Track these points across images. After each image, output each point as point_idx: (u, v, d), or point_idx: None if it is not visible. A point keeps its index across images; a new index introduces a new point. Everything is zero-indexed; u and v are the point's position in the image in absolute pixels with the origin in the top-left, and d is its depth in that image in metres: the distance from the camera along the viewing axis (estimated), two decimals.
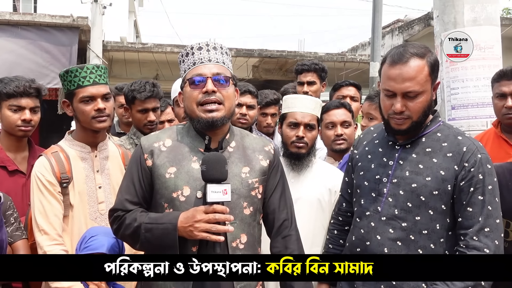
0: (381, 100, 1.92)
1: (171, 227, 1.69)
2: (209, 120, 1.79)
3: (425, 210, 1.81)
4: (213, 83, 1.80)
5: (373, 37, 7.87)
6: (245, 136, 1.98)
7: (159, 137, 1.89)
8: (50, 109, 9.40)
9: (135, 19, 20.75)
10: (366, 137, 2.12)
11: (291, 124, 2.53)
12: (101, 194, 2.25)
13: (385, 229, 1.86)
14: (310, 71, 3.64)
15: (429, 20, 13.45)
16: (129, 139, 3.10)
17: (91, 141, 2.30)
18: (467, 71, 3.12)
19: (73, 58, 8.57)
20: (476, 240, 1.73)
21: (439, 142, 1.86)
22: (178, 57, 1.95)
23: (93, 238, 2.01)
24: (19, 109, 2.51)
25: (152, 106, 3.03)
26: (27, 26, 8.64)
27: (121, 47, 9.96)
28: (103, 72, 2.28)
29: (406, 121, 1.83)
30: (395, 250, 1.83)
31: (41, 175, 2.14)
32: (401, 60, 1.80)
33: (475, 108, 3.11)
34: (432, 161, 1.83)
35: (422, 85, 1.79)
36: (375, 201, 1.92)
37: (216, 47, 1.88)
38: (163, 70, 10.35)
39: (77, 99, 2.23)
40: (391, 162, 1.91)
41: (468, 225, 1.75)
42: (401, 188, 1.85)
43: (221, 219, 1.67)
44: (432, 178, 1.81)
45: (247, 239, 1.82)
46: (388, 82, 1.82)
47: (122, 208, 1.81)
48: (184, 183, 1.78)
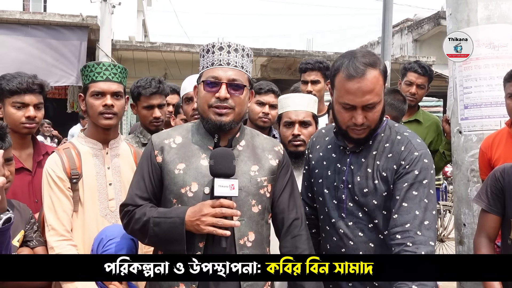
0: (337, 112, 1.91)
1: (179, 221, 1.71)
2: (217, 123, 1.81)
3: (379, 212, 1.86)
4: (227, 89, 1.80)
5: (383, 36, 7.80)
6: (255, 136, 1.99)
7: (170, 134, 1.92)
8: (59, 108, 9.45)
9: (143, 18, 20.81)
10: (319, 141, 2.14)
11: (286, 124, 2.56)
12: (111, 191, 2.25)
13: (355, 233, 1.90)
14: (314, 70, 3.57)
15: (439, 19, 13.35)
16: (135, 138, 3.09)
17: (103, 138, 2.31)
18: (480, 70, 3.06)
19: (82, 57, 8.62)
20: (420, 235, 1.72)
21: (382, 144, 1.90)
22: (199, 51, 1.94)
23: (111, 241, 2.00)
24: (22, 106, 2.49)
25: (157, 103, 3.02)
26: (37, 25, 8.69)
27: (130, 46, 9.99)
28: (119, 72, 2.29)
29: (365, 130, 1.86)
30: (370, 252, 1.86)
31: (52, 171, 2.16)
32: (358, 73, 1.78)
33: (489, 107, 3.04)
34: (377, 163, 1.87)
35: (379, 95, 1.82)
36: (338, 208, 1.95)
37: (237, 49, 1.87)
38: (171, 69, 10.36)
39: (89, 93, 2.26)
40: (344, 168, 1.95)
41: (405, 221, 1.74)
42: (356, 194, 1.89)
43: (227, 214, 1.68)
44: (379, 180, 1.85)
45: (255, 237, 1.82)
46: (347, 96, 1.81)
47: (132, 203, 1.84)
48: (193, 179, 1.80)
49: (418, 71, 3.68)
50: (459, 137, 3.16)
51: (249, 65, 1.91)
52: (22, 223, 2.08)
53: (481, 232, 2.26)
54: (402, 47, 15.21)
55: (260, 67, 11.33)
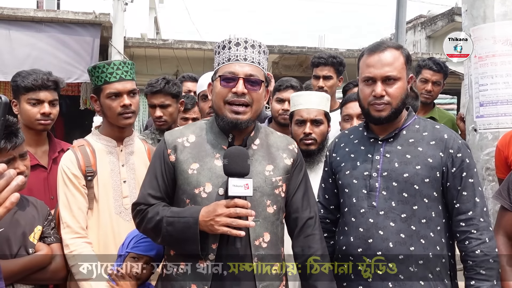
0: (360, 91, 1.98)
1: (192, 221, 1.69)
2: (234, 121, 1.78)
3: (420, 198, 1.85)
4: (245, 84, 1.78)
5: (397, 32, 7.72)
6: (269, 134, 1.96)
7: (183, 133, 1.89)
8: (72, 105, 9.50)
9: (155, 15, 20.86)
10: (343, 140, 2.14)
11: (298, 122, 2.53)
12: (125, 188, 2.25)
13: (386, 223, 1.87)
14: (327, 65, 3.44)
15: (453, 16, 13.18)
16: (151, 134, 3.11)
17: (117, 136, 2.31)
18: (497, 67, 3.02)
19: (95, 54, 8.65)
20: (483, 221, 1.84)
21: (420, 133, 1.94)
22: (214, 48, 1.92)
23: (145, 240, 2.00)
24: (38, 103, 2.51)
25: (158, 102, 3.00)
26: (51, 22, 8.73)
27: (142, 44, 10.00)
28: (130, 68, 2.27)
29: (386, 107, 1.90)
30: (400, 243, 1.84)
31: (67, 168, 2.16)
32: (379, 49, 1.93)
33: (505, 105, 3.00)
34: (418, 150, 1.90)
35: (399, 71, 1.90)
36: (368, 197, 1.92)
37: (254, 45, 1.84)
38: (183, 66, 10.35)
39: (104, 95, 2.24)
40: (378, 157, 1.94)
41: (467, 209, 1.84)
42: (393, 180, 1.88)
43: (242, 214, 1.66)
44: (422, 166, 1.86)
45: (270, 238, 1.80)
46: (368, 69, 1.92)
47: (145, 202, 1.83)
48: (207, 180, 1.77)
49: (433, 68, 3.64)
50: (474, 135, 3.12)
51: (265, 62, 1.89)
52: (40, 219, 2.09)
53: (499, 230, 2.22)
54: (415, 43, 15.04)
55: (271, 64, 11.29)
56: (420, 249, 1.84)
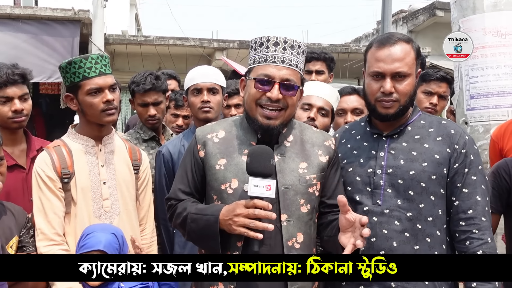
0: (367, 85, 1.89)
1: (213, 219, 1.67)
2: (265, 127, 1.74)
3: (427, 196, 1.79)
4: (280, 89, 1.71)
5: (383, 26, 7.72)
6: (304, 130, 1.89)
7: (214, 129, 1.87)
8: (53, 104, 9.30)
9: (136, 12, 20.59)
10: (344, 135, 2.07)
11: (305, 105, 2.44)
12: (105, 190, 2.13)
13: (390, 222, 1.81)
14: (319, 60, 3.53)
15: (434, 10, 13.28)
16: (135, 134, 2.99)
17: (96, 135, 2.18)
18: (487, 59, 3.00)
19: (75, 52, 8.47)
20: (484, 221, 1.76)
21: (425, 129, 1.87)
22: (250, 42, 1.84)
23: (89, 236, 1.93)
24: (7, 100, 2.35)
25: (152, 100, 2.90)
26: (28, 19, 8.53)
27: (123, 40, 9.84)
28: (108, 62, 2.15)
29: (394, 104, 1.82)
30: (404, 242, 1.78)
31: (41, 170, 2.04)
32: (389, 42, 1.81)
33: (495, 97, 2.98)
34: (424, 146, 1.83)
35: (410, 67, 1.81)
36: (372, 195, 1.85)
37: (293, 46, 1.77)
38: (165, 63, 10.22)
39: (83, 91, 2.09)
40: (382, 153, 1.87)
41: (467, 207, 1.77)
42: (399, 178, 1.81)
43: (261, 215, 1.60)
44: (428, 163, 1.80)
45: (304, 239, 1.74)
46: (377, 64, 1.82)
47: (175, 198, 1.85)
48: (233, 176, 1.74)
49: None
50: (465, 128, 3.09)
51: (303, 63, 1.82)
52: (17, 228, 1.97)
53: None
54: None
55: None
56: (425, 248, 1.78)
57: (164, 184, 2.55)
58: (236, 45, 9.86)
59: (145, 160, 2.35)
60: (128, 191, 2.21)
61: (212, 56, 10.08)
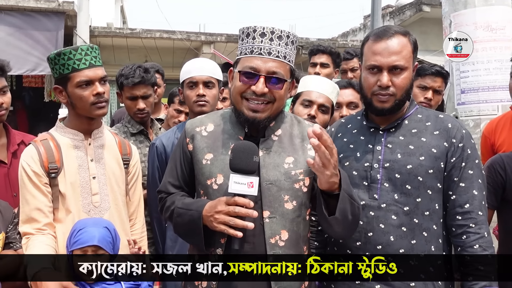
0: (363, 79, 1.87)
1: (196, 215, 1.64)
2: (250, 120, 1.68)
3: (424, 190, 1.78)
4: (265, 82, 1.65)
5: (373, 20, 7.73)
6: (295, 124, 1.83)
7: (203, 122, 1.83)
8: (36, 97, 9.14)
9: (121, 4, 20.34)
10: (340, 129, 2.04)
11: (305, 101, 2.41)
12: (95, 185, 2.08)
13: (387, 216, 1.79)
14: (325, 53, 3.57)
15: (420, 5, 13.34)
16: (123, 128, 2.94)
17: (86, 129, 2.12)
18: (478, 53, 3.00)
19: (60, 44, 8.31)
20: (481, 215, 1.77)
21: (423, 122, 1.86)
22: (239, 31, 1.77)
23: (81, 231, 1.88)
24: None
25: (141, 94, 2.86)
26: (11, 11, 8.35)
27: (109, 33, 9.70)
28: (98, 54, 2.09)
29: (391, 98, 1.81)
30: (401, 237, 1.77)
31: (27, 165, 1.98)
32: (386, 35, 1.80)
33: (486, 92, 3.00)
34: (421, 140, 1.82)
35: (407, 60, 1.80)
36: (369, 189, 1.83)
37: (281, 36, 1.69)
38: (152, 56, 10.10)
39: (72, 84, 2.03)
40: (379, 147, 1.85)
41: (464, 201, 1.77)
42: (396, 172, 1.80)
43: (241, 213, 1.56)
44: (426, 157, 1.79)
45: (289, 236, 1.68)
46: (374, 57, 1.80)
47: (165, 191, 1.84)
48: (219, 171, 1.70)
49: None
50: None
51: (293, 54, 1.74)
52: (4, 224, 1.92)
53: None
54: None
55: None
56: (422, 243, 1.77)
57: (157, 177, 2.51)
58: (224, 39, 9.78)
59: (135, 154, 2.31)
60: (118, 186, 2.17)
61: (199, 49, 9.99)
